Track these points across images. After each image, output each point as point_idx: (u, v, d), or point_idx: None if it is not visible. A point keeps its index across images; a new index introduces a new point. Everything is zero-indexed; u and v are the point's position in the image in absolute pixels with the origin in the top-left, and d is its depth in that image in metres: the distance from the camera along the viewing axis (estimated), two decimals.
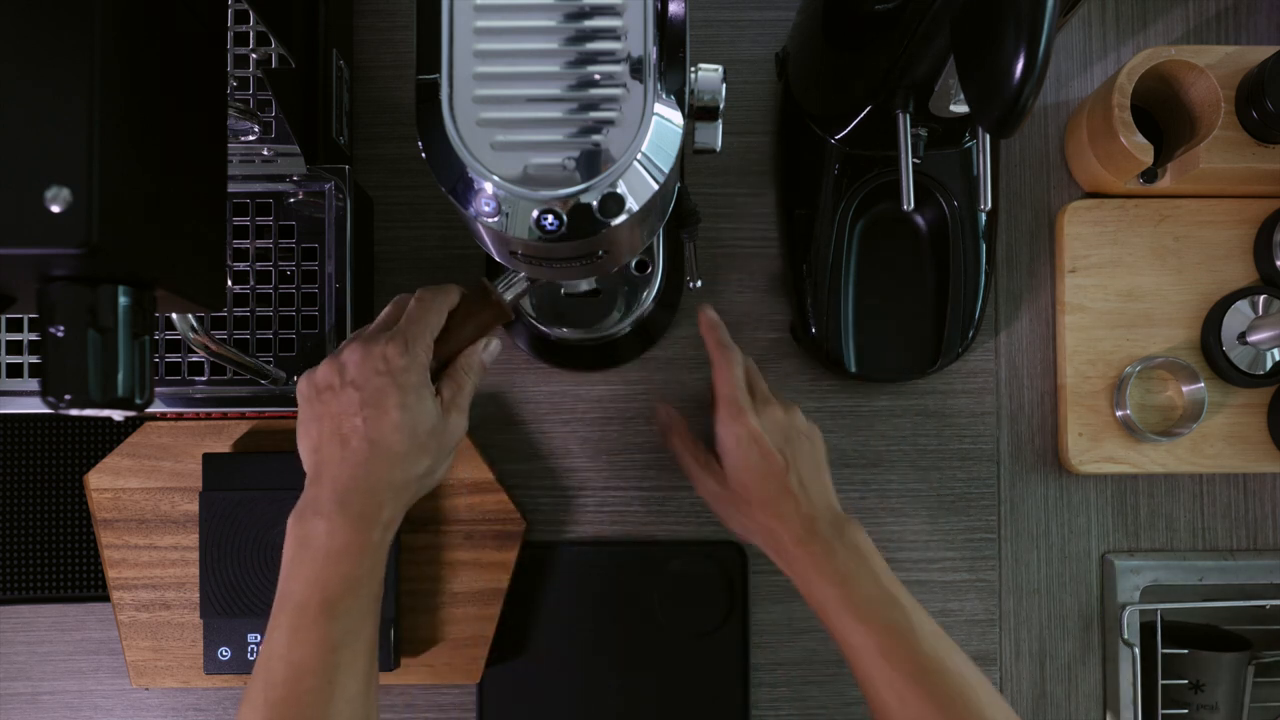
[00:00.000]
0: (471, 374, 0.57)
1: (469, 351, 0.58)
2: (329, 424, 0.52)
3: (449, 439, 0.55)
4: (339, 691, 0.49)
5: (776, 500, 0.58)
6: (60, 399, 0.40)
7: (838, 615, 0.55)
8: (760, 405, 0.61)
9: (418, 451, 0.53)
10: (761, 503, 0.58)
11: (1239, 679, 0.72)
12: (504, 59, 0.39)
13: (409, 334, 0.54)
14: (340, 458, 0.52)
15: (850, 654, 0.55)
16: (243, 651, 0.67)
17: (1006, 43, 0.44)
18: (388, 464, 0.52)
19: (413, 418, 0.52)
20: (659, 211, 0.45)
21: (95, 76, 0.38)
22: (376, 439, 0.51)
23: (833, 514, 0.59)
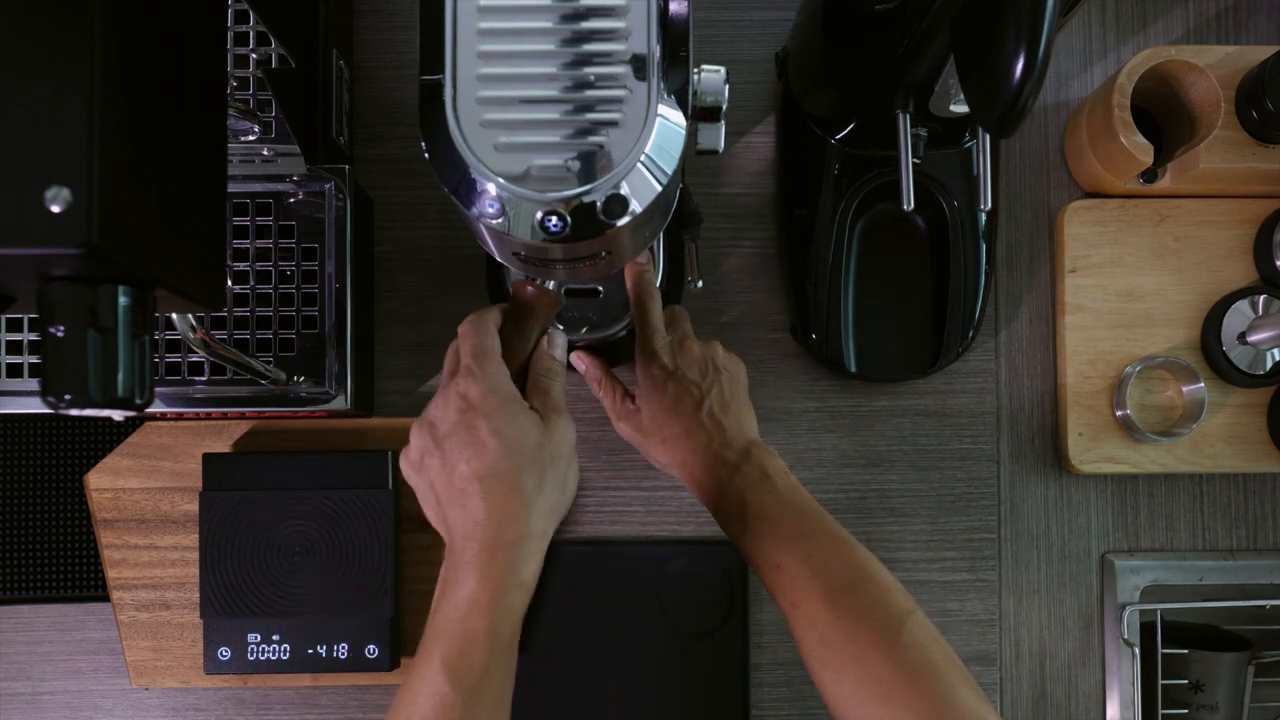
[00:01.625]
0: (552, 376, 0.55)
1: (538, 355, 0.55)
2: (442, 485, 0.49)
3: (560, 444, 0.51)
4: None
5: (690, 433, 0.59)
6: (60, 399, 0.40)
7: (740, 534, 0.55)
8: (678, 343, 0.62)
9: (531, 469, 0.49)
10: (675, 437, 0.59)
11: (1239, 679, 0.72)
12: (507, 60, 0.39)
13: (474, 365, 0.51)
14: (463, 518, 0.48)
15: (757, 573, 0.55)
16: (242, 651, 0.67)
17: (1006, 43, 0.44)
18: (505, 498, 0.48)
19: (513, 438, 0.48)
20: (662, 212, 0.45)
21: (95, 76, 0.37)
22: (486, 475, 0.47)
23: (744, 441, 0.59)
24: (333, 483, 0.68)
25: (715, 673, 0.71)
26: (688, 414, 0.59)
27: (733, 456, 0.58)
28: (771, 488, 0.55)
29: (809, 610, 0.51)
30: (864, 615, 0.50)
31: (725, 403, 0.61)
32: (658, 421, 0.61)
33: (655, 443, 0.61)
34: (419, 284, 0.73)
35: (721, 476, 0.57)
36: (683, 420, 0.59)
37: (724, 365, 0.63)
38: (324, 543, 0.67)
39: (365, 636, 0.67)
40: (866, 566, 0.52)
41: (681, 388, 0.60)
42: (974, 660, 0.72)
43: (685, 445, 0.59)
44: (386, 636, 0.67)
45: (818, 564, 0.52)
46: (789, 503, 0.55)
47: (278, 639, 0.67)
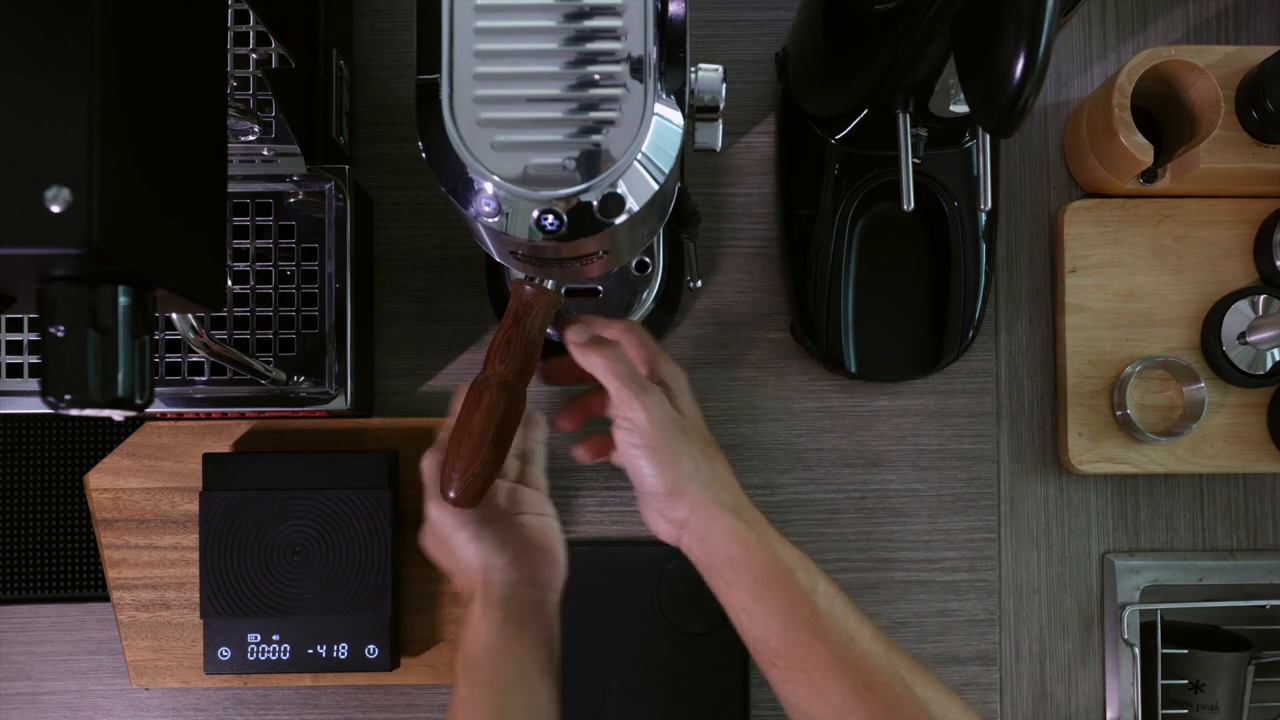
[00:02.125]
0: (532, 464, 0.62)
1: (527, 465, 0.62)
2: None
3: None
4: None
5: (723, 461, 0.56)
6: (60, 399, 0.40)
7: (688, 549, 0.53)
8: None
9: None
10: (717, 454, 0.56)
11: (1239, 679, 0.72)
12: (504, 59, 0.39)
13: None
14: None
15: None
16: (242, 651, 0.67)
17: (1006, 43, 0.44)
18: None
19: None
20: (659, 211, 0.45)
21: (95, 76, 0.37)
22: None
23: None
24: (332, 483, 0.68)
25: (715, 673, 0.71)
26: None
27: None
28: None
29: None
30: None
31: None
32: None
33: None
34: (419, 284, 0.73)
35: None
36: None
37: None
38: (323, 543, 0.67)
39: (365, 637, 0.67)
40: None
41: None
42: (974, 660, 0.72)
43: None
44: (386, 636, 0.67)
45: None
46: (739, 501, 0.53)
47: (278, 639, 0.67)
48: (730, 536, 0.49)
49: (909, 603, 0.73)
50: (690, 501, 0.50)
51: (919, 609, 0.73)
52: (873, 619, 0.72)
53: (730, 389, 0.73)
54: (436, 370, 0.73)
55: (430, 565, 0.70)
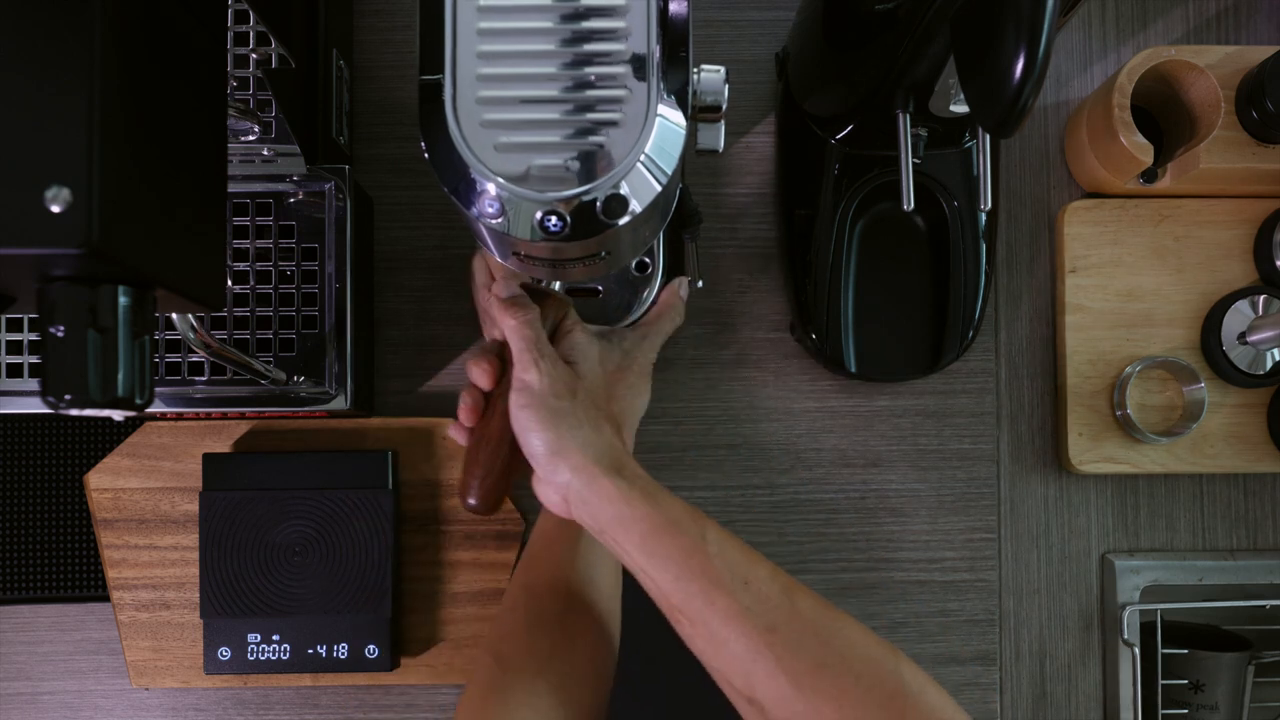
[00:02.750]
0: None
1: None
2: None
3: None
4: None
5: (610, 421, 0.56)
6: (60, 399, 0.40)
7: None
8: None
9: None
10: (604, 418, 0.55)
11: (1239, 679, 0.72)
12: (507, 60, 0.39)
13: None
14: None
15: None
16: (242, 651, 0.67)
17: (1006, 43, 0.44)
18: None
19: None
20: (662, 212, 0.45)
21: (95, 76, 0.37)
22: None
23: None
24: (332, 483, 0.68)
25: None
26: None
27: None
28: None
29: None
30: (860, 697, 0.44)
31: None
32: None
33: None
34: (419, 284, 0.73)
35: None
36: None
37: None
38: (324, 543, 0.67)
39: (365, 637, 0.67)
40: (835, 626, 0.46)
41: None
42: (974, 660, 0.72)
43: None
44: (386, 636, 0.67)
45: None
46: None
47: (278, 639, 0.67)
48: (612, 495, 0.49)
49: (909, 603, 0.73)
50: (571, 463, 0.50)
51: (919, 609, 0.73)
52: (872, 619, 0.72)
53: (730, 389, 0.73)
54: (436, 370, 0.73)
55: (430, 565, 0.70)
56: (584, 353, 0.56)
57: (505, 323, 0.54)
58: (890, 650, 0.46)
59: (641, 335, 0.64)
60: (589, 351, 0.57)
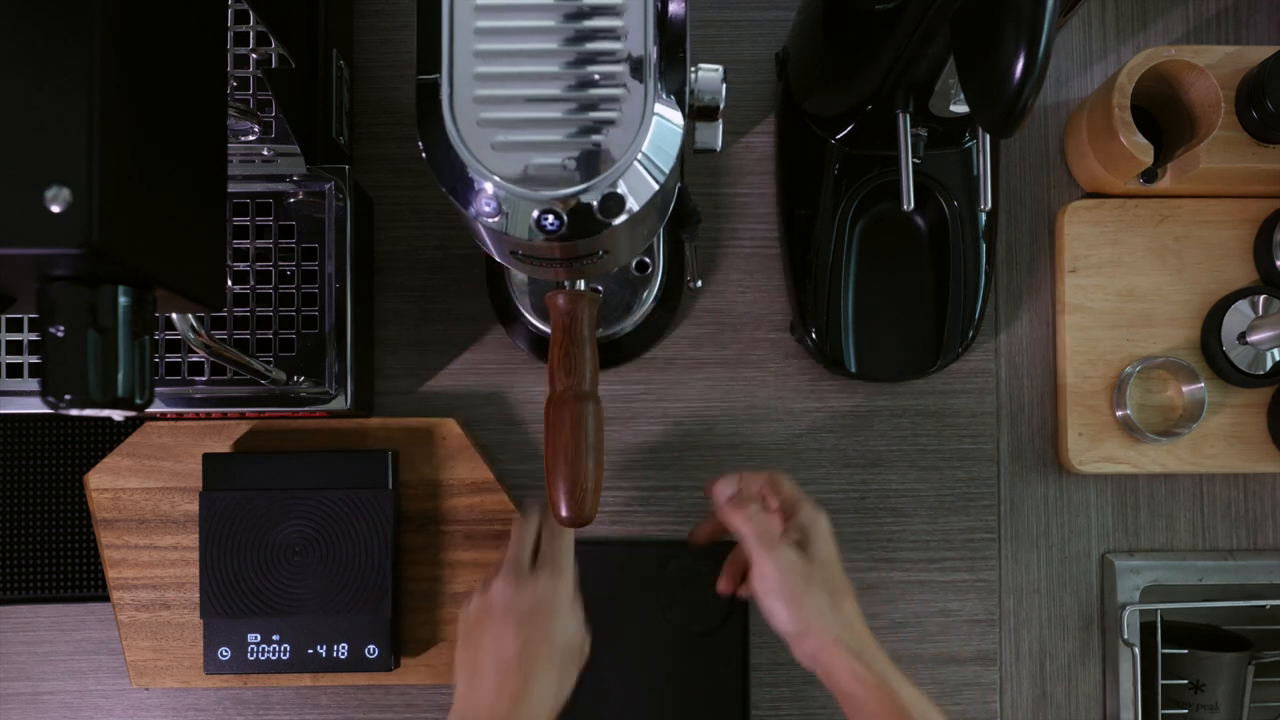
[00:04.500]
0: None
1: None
2: (485, 654, 0.58)
3: (580, 649, 0.61)
4: None
5: (852, 597, 0.59)
6: (60, 399, 0.40)
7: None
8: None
9: (565, 668, 0.59)
10: (844, 595, 0.59)
11: (1239, 679, 0.72)
12: (504, 59, 0.39)
13: (554, 561, 0.60)
14: (495, 690, 0.57)
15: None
16: (242, 651, 0.67)
17: (1006, 43, 0.44)
18: (539, 694, 0.57)
19: (563, 638, 0.59)
20: (659, 212, 0.45)
21: (95, 76, 0.38)
22: (531, 669, 0.57)
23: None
24: (333, 483, 0.68)
25: (715, 673, 0.71)
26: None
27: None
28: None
29: None
30: None
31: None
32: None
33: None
34: (419, 284, 0.73)
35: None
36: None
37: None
38: (324, 543, 0.67)
39: (365, 637, 0.67)
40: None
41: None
42: (974, 660, 0.72)
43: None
44: (386, 636, 0.67)
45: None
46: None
47: (278, 639, 0.67)
48: (850, 674, 0.55)
49: (909, 603, 0.73)
50: (814, 644, 0.56)
51: (919, 609, 0.73)
52: (873, 619, 0.72)
53: (730, 389, 0.73)
54: (436, 370, 0.73)
55: (430, 565, 0.70)
56: (813, 531, 0.59)
57: (732, 521, 0.59)
58: None
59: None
60: (817, 529, 0.60)
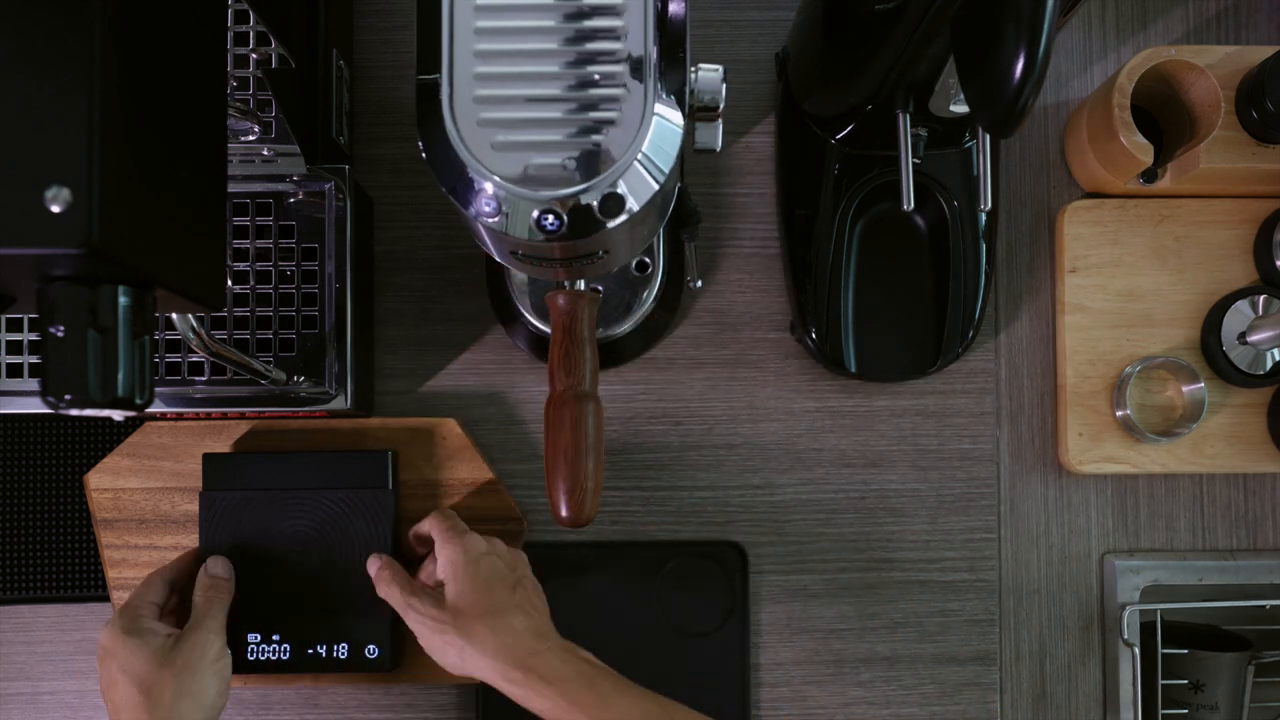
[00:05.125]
0: (203, 591, 0.63)
1: (199, 574, 0.64)
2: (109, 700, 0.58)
3: (191, 656, 0.58)
4: None
5: (504, 610, 0.58)
6: (60, 399, 0.40)
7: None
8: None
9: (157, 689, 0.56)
10: (487, 612, 0.57)
11: (1239, 679, 0.72)
12: (504, 59, 0.39)
13: (203, 618, 0.61)
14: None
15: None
16: (242, 651, 0.67)
17: (1006, 43, 0.44)
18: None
19: (132, 670, 0.56)
20: (659, 212, 0.45)
21: (95, 76, 0.38)
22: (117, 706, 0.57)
23: (559, 637, 0.59)
24: (333, 482, 0.68)
25: (715, 673, 0.71)
26: (504, 590, 0.59)
27: (556, 641, 0.58)
28: (608, 673, 0.56)
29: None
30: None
31: (536, 590, 0.62)
32: (470, 598, 0.58)
33: (460, 628, 0.57)
34: (419, 284, 0.73)
35: (549, 662, 0.56)
36: (498, 595, 0.59)
37: (516, 557, 0.63)
38: (324, 543, 0.67)
39: (365, 637, 0.67)
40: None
41: (497, 564, 0.60)
42: (974, 660, 0.72)
43: (496, 625, 0.57)
44: (387, 636, 0.67)
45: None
46: (634, 688, 0.56)
47: (277, 639, 0.67)
48: (520, 697, 0.55)
49: (909, 603, 0.73)
50: (480, 674, 0.57)
51: (919, 609, 0.73)
52: (872, 619, 0.72)
53: (730, 389, 0.73)
54: (436, 370, 0.73)
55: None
56: (452, 564, 0.60)
57: (379, 592, 0.62)
58: None
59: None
60: (456, 561, 0.60)
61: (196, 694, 0.56)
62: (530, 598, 0.60)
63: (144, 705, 0.55)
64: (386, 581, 0.62)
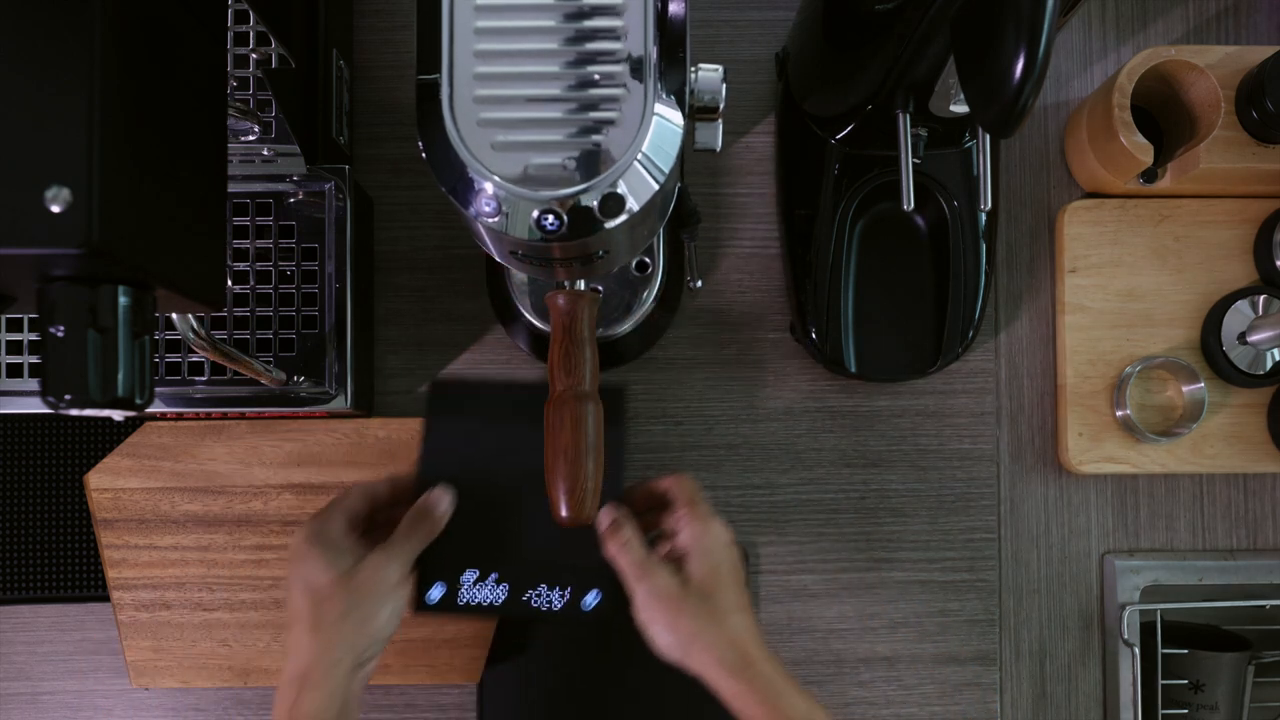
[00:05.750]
0: (408, 521, 0.59)
1: (419, 501, 0.60)
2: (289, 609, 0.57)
3: (367, 581, 0.55)
4: None
5: (740, 609, 0.56)
6: (60, 399, 0.40)
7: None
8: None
9: (325, 606, 0.55)
10: (724, 604, 0.55)
11: (1239, 679, 0.72)
12: (504, 59, 0.39)
13: (396, 540, 0.58)
14: (289, 661, 0.56)
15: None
16: (455, 591, 0.62)
17: (1006, 43, 0.44)
18: (295, 636, 0.55)
19: (304, 579, 0.55)
20: (659, 212, 0.45)
21: (95, 76, 0.38)
22: (290, 616, 0.56)
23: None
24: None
25: None
26: (738, 589, 0.57)
27: (764, 650, 0.56)
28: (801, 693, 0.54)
29: None
30: None
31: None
32: (712, 585, 0.56)
33: (694, 611, 0.55)
34: (419, 284, 0.73)
35: (765, 672, 0.54)
36: (734, 595, 0.56)
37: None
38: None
39: (586, 584, 0.62)
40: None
41: (737, 561, 0.58)
42: (974, 660, 0.72)
43: (732, 622, 0.55)
44: (610, 587, 0.61)
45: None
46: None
47: (495, 579, 0.62)
48: (732, 695, 0.53)
49: (909, 603, 0.73)
50: (698, 664, 0.54)
51: (919, 609, 0.73)
52: (872, 619, 0.72)
53: (730, 389, 0.73)
54: (436, 370, 0.73)
55: None
56: (696, 547, 0.57)
57: (608, 552, 0.57)
58: None
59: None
60: (700, 544, 0.57)
61: (363, 618, 0.54)
62: (749, 601, 0.57)
63: (310, 617, 0.54)
64: (621, 542, 0.57)
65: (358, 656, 0.54)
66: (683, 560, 0.57)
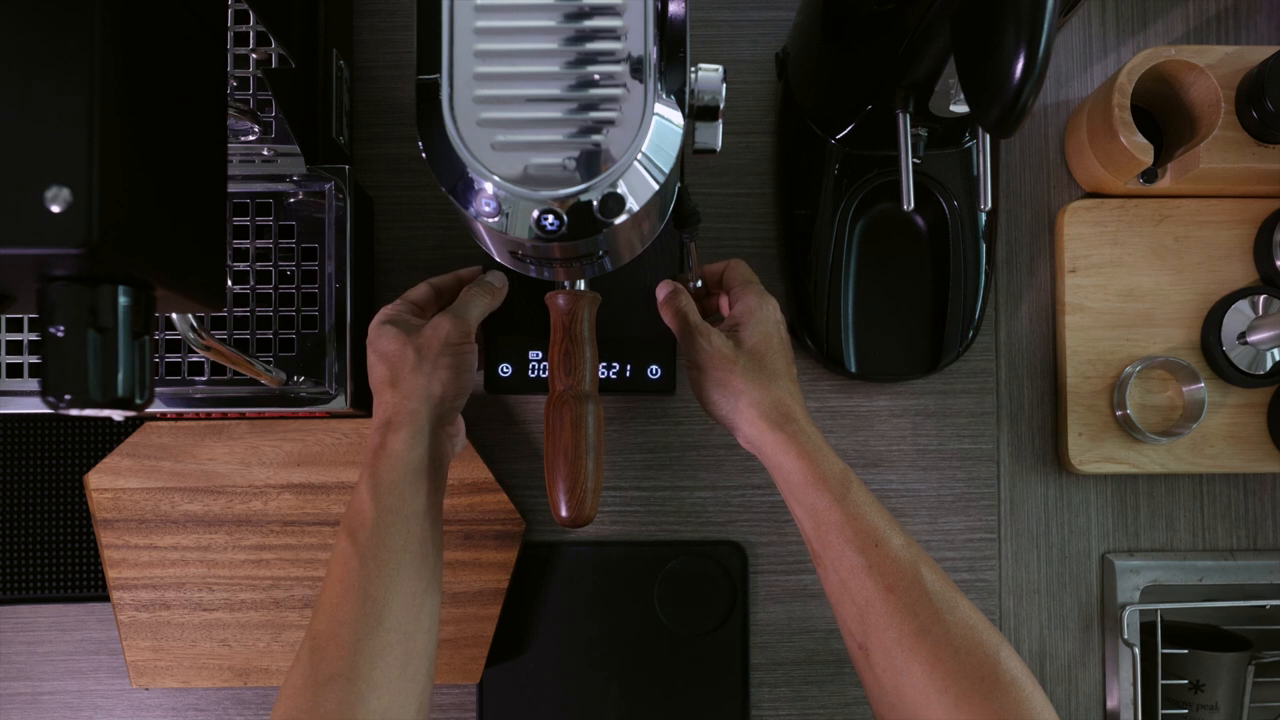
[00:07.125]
0: (467, 293, 0.62)
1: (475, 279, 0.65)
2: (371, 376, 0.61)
3: (428, 338, 0.58)
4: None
5: (789, 377, 0.59)
6: (60, 399, 0.40)
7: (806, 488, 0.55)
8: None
9: (400, 368, 0.58)
10: (773, 368, 0.58)
11: (1239, 679, 0.72)
12: (504, 59, 0.39)
13: (458, 305, 0.61)
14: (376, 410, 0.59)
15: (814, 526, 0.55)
16: (523, 369, 0.67)
17: (1006, 43, 0.44)
18: (378, 394, 0.59)
19: (381, 349, 0.59)
20: (659, 211, 0.45)
21: (95, 76, 0.38)
22: (374, 381, 0.60)
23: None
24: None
25: (715, 673, 0.71)
26: (787, 358, 0.60)
27: (804, 411, 0.58)
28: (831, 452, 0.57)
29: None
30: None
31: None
32: (762, 351, 0.59)
33: (741, 372, 0.58)
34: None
35: (802, 429, 0.56)
36: (782, 362, 0.60)
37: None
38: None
39: (649, 357, 0.67)
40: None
41: (786, 334, 0.61)
42: None
43: (780, 386, 0.58)
44: (670, 359, 0.67)
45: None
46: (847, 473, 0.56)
47: None
48: (774, 445, 0.55)
49: None
50: (745, 418, 0.57)
51: None
52: None
53: None
54: None
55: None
56: (748, 317, 0.60)
57: (664, 316, 0.62)
58: (998, 637, 0.50)
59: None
60: (754, 315, 0.60)
61: (432, 369, 0.58)
62: (795, 372, 0.60)
63: (388, 376, 0.58)
64: (677, 306, 0.61)
65: (434, 407, 0.57)
66: (736, 329, 0.60)
